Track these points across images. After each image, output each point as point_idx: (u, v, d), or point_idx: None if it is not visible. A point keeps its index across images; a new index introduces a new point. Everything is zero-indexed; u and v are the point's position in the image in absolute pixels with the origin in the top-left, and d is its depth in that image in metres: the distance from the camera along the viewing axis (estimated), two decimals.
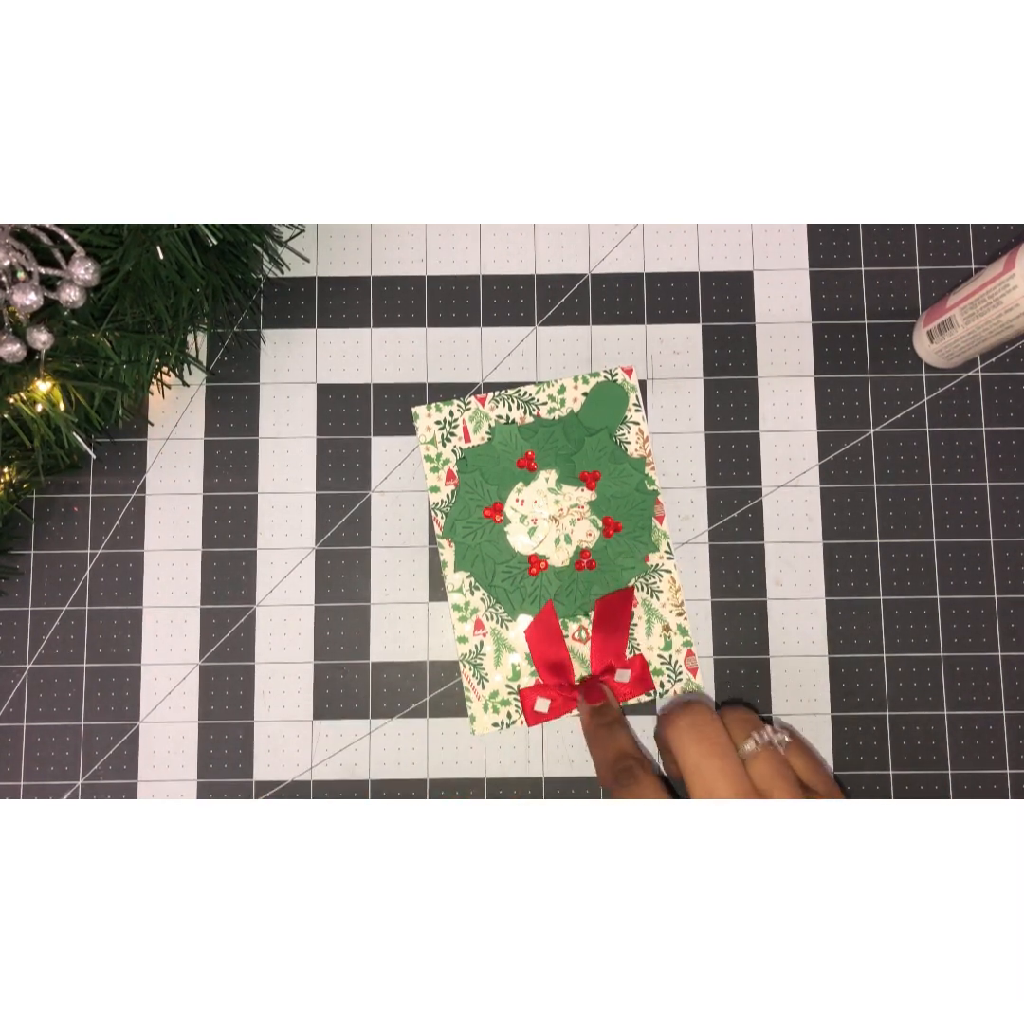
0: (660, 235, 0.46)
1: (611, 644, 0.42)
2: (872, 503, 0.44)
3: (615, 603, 0.42)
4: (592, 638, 0.42)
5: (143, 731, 0.43)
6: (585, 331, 0.45)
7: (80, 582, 0.44)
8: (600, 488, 0.44)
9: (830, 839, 0.28)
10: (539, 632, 0.42)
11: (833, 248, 0.45)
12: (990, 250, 0.45)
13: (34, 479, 0.42)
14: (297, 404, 0.45)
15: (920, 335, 0.44)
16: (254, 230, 0.39)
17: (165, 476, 0.44)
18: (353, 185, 0.31)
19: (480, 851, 0.28)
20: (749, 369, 0.45)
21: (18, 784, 0.43)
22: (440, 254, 0.46)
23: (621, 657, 0.42)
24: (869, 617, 0.43)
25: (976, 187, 0.30)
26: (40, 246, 0.34)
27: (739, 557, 0.44)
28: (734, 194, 0.31)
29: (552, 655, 0.42)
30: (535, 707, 0.42)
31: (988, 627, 0.43)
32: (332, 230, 0.46)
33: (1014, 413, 0.44)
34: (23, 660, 0.43)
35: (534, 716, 0.42)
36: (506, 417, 0.44)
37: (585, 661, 0.42)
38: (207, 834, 0.29)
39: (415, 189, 0.31)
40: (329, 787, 0.43)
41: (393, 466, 0.44)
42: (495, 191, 0.31)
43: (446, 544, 0.43)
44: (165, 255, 0.35)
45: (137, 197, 0.30)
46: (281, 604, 0.44)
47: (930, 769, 0.42)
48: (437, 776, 0.43)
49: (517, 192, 0.31)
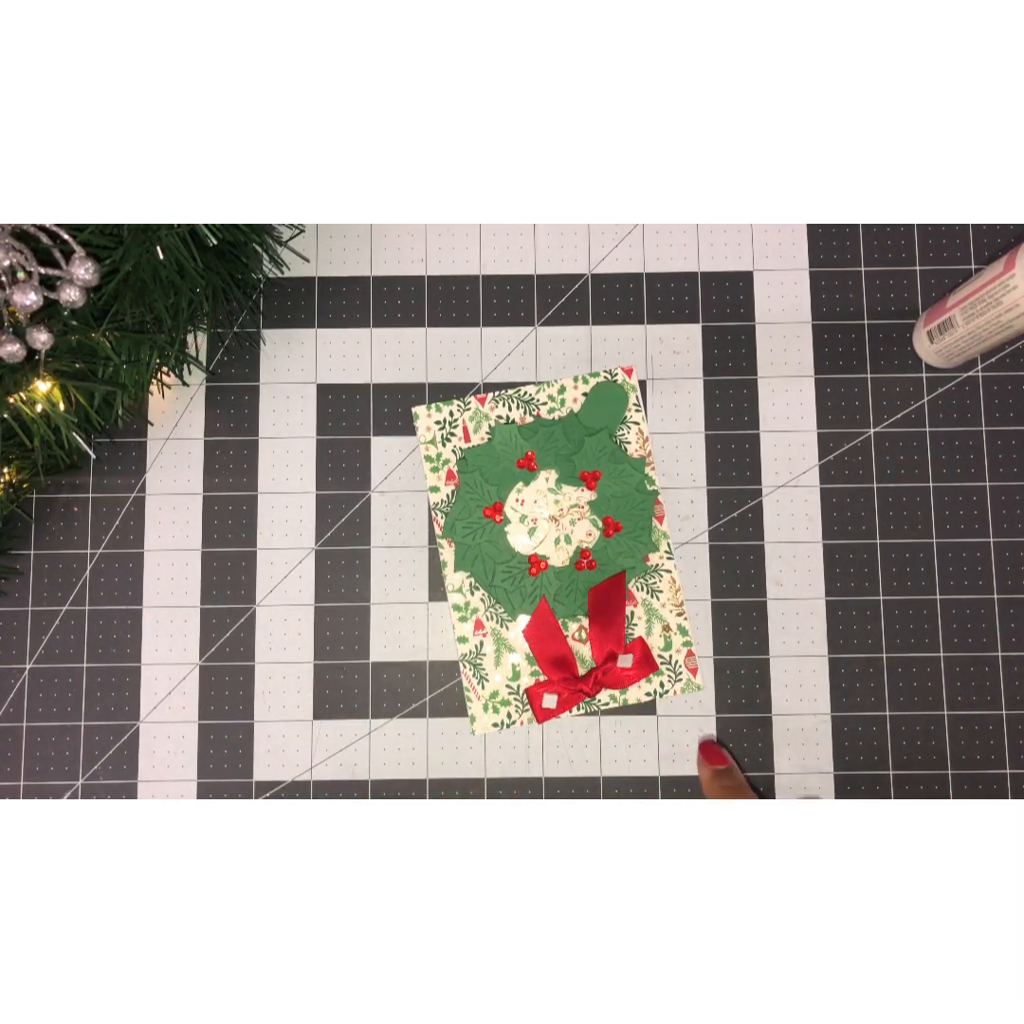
0: (660, 235, 0.46)
1: (610, 631, 0.42)
2: (872, 503, 0.44)
3: (606, 589, 0.42)
4: (590, 627, 0.42)
5: (143, 731, 0.43)
6: (585, 331, 0.45)
7: (80, 582, 0.44)
8: (600, 488, 0.44)
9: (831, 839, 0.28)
10: (538, 630, 0.42)
11: (833, 248, 0.45)
12: (990, 250, 0.45)
13: (34, 479, 0.42)
14: (297, 404, 0.45)
15: (920, 335, 0.44)
16: (254, 230, 0.39)
17: (165, 476, 0.44)
18: (353, 185, 0.31)
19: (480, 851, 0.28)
20: (749, 369, 0.45)
21: (18, 784, 0.43)
22: (440, 254, 0.46)
23: (621, 642, 0.42)
24: (869, 617, 0.43)
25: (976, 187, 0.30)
26: (40, 246, 0.34)
27: (739, 557, 0.44)
28: (734, 194, 0.31)
29: (553, 650, 0.42)
30: (543, 704, 0.42)
31: (988, 627, 0.43)
32: (332, 230, 0.46)
33: (1014, 413, 0.44)
34: (23, 660, 0.43)
35: (543, 713, 0.42)
36: (506, 417, 0.44)
37: (586, 661, 0.42)
38: (207, 834, 0.29)
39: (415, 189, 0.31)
40: (329, 787, 0.43)
41: (393, 466, 0.44)
42: (495, 191, 0.31)
43: (446, 544, 0.43)
44: (165, 255, 0.35)
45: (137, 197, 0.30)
46: (281, 604, 0.44)
47: (930, 769, 0.42)
48: (437, 776, 0.43)
49: (517, 192, 0.31)
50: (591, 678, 0.41)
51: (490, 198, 0.31)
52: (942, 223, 0.45)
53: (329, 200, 0.31)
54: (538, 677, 0.42)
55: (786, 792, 0.42)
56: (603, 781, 0.43)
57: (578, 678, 0.42)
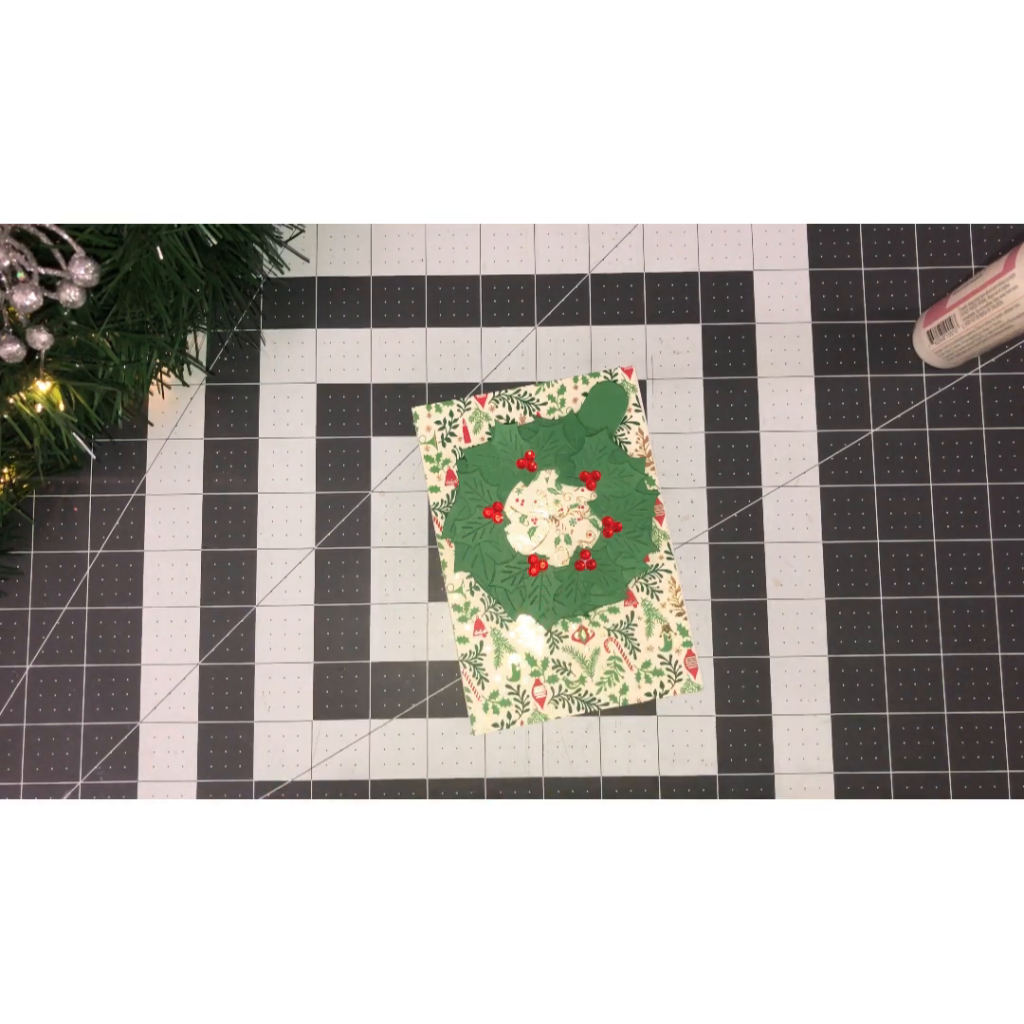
0: (660, 235, 0.46)
1: None
2: (872, 503, 0.44)
3: None
4: None
5: (143, 731, 0.43)
6: (585, 331, 0.45)
7: (80, 582, 0.44)
8: (600, 488, 0.44)
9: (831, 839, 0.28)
10: None
11: (833, 248, 0.45)
12: (990, 250, 0.45)
13: (34, 479, 0.42)
14: (297, 404, 0.45)
15: (920, 335, 0.44)
16: (254, 230, 0.39)
17: (165, 476, 0.44)
18: (353, 185, 0.31)
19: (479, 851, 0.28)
20: (749, 369, 0.45)
21: (18, 784, 0.43)
22: (440, 254, 0.46)
23: None
24: (869, 617, 0.43)
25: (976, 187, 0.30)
26: (40, 246, 0.34)
27: (739, 557, 0.44)
28: (734, 194, 0.31)
29: None
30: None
31: (988, 627, 0.43)
32: (332, 230, 0.46)
33: (1014, 413, 0.44)
34: (23, 660, 0.43)
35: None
36: (506, 417, 0.44)
37: (585, 661, 0.43)
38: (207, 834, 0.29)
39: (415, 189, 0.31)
40: (329, 787, 0.43)
41: (393, 466, 0.44)
42: (495, 191, 0.31)
43: (446, 544, 0.43)
44: (165, 255, 0.35)
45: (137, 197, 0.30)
46: (281, 604, 0.44)
47: (930, 769, 0.42)
48: (437, 776, 0.43)
49: (517, 192, 0.31)
50: None
51: (490, 198, 0.31)
52: (942, 223, 0.45)
53: (329, 200, 0.31)
54: (538, 677, 0.43)
55: (786, 792, 0.42)
56: (603, 781, 0.43)
57: None
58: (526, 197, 0.31)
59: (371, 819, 0.29)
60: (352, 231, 0.46)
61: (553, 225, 0.46)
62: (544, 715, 0.42)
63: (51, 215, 0.30)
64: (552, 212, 0.32)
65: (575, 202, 0.32)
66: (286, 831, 0.29)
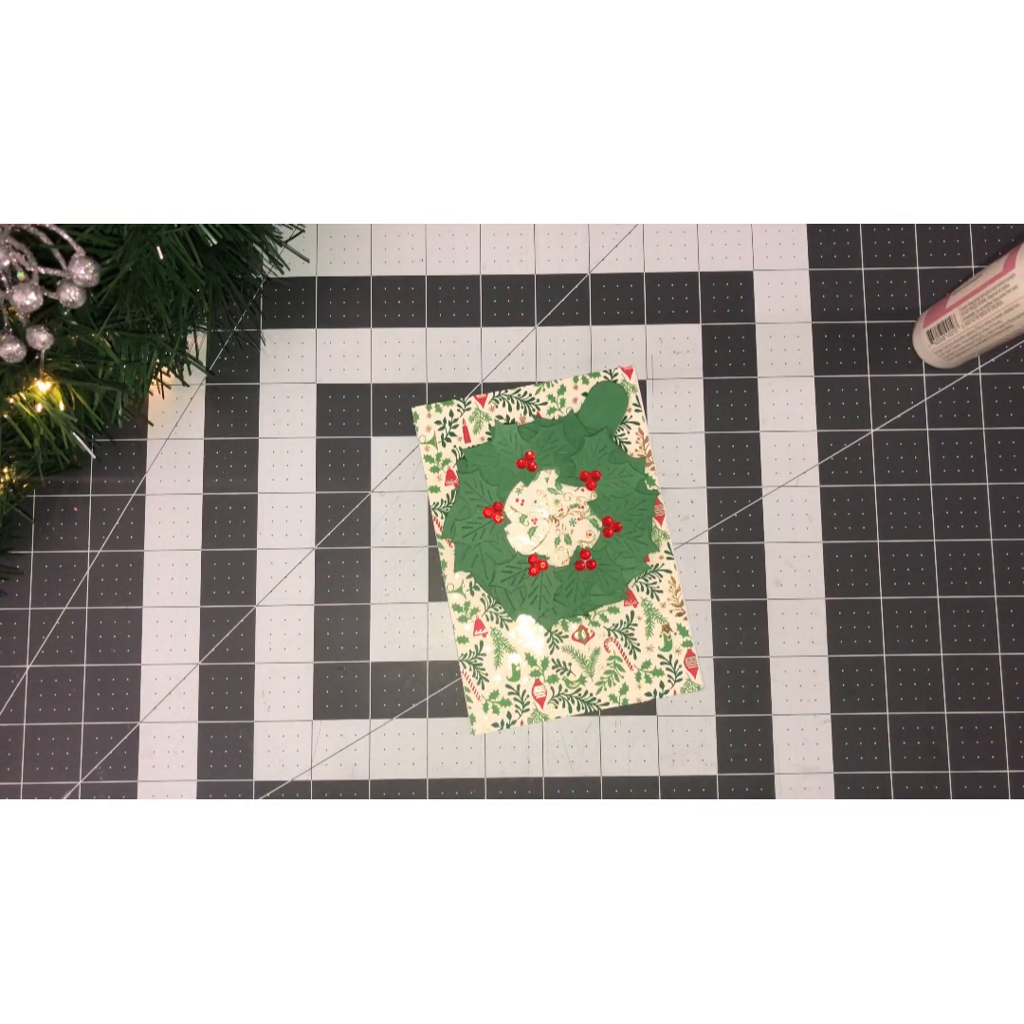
0: (660, 235, 0.46)
1: None
2: (872, 503, 0.44)
3: None
4: None
5: (143, 731, 0.43)
6: (585, 331, 0.45)
7: (80, 582, 0.44)
8: (600, 488, 0.44)
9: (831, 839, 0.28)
10: None
11: (833, 248, 0.45)
12: (990, 250, 0.45)
13: (34, 479, 0.42)
14: (297, 404, 0.45)
15: (920, 335, 0.44)
16: (254, 230, 0.39)
17: (165, 476, 0.44)
18: (353, 185, 0.31)
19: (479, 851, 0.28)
20: (749, 369, 0.45)
21: (18, 784, 0.43)
22: (440, 254, 0.46)
23: None
24: (869, 617, 0.43)
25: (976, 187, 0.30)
26: (40, 246, 0.34)
27: (739, 557, 0.44)
28: (734, 194, 0.31)
29: None
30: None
31: (988, 627, 0.43)
32: (332, 230, 0.46)
33: (1014, 413, 0.44)
34: (23, 660, 0.43)
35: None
36: (506, 417, 0.44)
37: (585, 661, 0.43)
38: (207, 834, 0.29)
39: (415, 189, 0.31)
40: (329, 787, 0.43)
41: (393, 466, 0.44)
42: (495, 191, 0.31)
43: (446, 544, 0.43)
44: (165, 255, 0.35)
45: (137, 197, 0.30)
46: (281, 604, 0.44)
47: (930, 769, 0.42)
48: (437, 776, 0.43)
49: (517, 192, 0.31)
50: None
51: (490, 198, 0.31)
52: (942, 223, 0.45)
53: (329, 200, 0.31)
54: (538, 677, 0.43)
55: (786, 792, 0.42)
56: (603, 781, 0.43)
57: None
58: (526, 197, 0.31)
59: (371, 819, 0.29)
60: (352, 231, 0.46)
61: (553, 225, 0.46)
62: (544, 715, 0.42)
63: (51, 215, 0.30)
64: (552, 212, 0.32)
65: (575, 202, 0.32)
66: (286, 831, 0.29)
